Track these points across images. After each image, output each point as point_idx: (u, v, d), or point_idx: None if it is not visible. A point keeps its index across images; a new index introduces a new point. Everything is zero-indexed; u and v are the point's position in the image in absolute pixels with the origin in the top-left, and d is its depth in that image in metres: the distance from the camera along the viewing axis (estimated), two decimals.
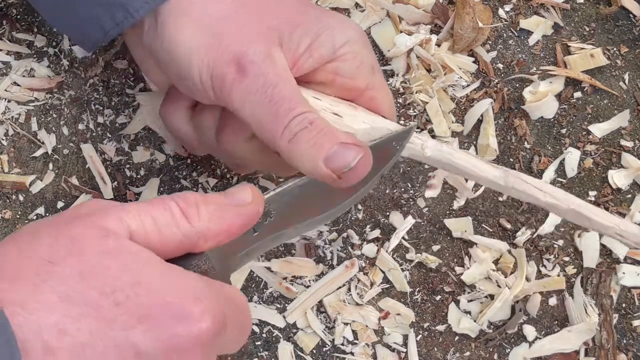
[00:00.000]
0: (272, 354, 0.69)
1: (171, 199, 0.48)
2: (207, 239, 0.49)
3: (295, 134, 0.54)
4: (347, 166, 0.54)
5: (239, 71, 0.54)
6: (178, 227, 0.48)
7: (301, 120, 0.54)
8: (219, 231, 0.49)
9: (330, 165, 0.54)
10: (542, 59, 0.74)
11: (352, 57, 0.58)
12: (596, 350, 0.69)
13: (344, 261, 0.70)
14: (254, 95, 0.54)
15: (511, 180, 0.58)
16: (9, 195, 0.71)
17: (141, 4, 0.56)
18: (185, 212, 0.48)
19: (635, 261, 0.71)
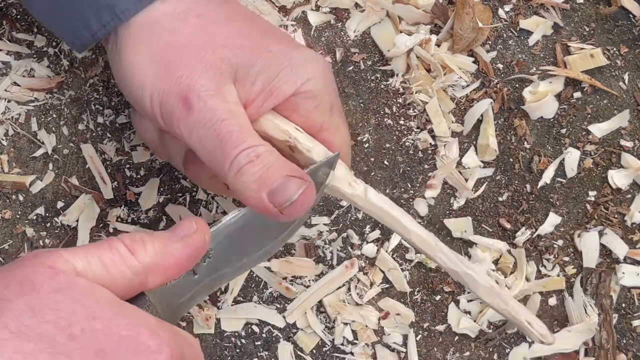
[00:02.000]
0: (272, 354, 0.69)
1: (117, 239, 0.48)
2: (156, 274, 0.49)
3: (241, 167, 0.54)
4: (289, 200, 0.53)
5: (185, 105, 0.54)
6: (125, 264, 0.48)
7: (248, 154, 0.54)
8: (167, 265, 0.49)
9: (272, 199, 0.54)
10: (542, 59, 0.74)
11: (310, 96, 0.58)
12: (596, 350, 0.69)
13: (344, 261, 0.70)
14: (201, 130, 0.54)
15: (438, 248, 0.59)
16: (9, 195, 0.71)
17: (127, 5, 0.56)
18: (131, 249, 0.48)
19: (635, 261, 0.71)
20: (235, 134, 0.54)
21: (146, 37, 0.56)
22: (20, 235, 0.70)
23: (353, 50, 0.74)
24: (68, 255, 0.46)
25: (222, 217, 0.55)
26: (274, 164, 0.54)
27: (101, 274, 0.47)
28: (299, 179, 0.54)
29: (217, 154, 0.54)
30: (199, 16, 0.57)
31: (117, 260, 0.47)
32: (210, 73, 0.55)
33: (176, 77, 0.55)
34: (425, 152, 0.72)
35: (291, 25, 0.74)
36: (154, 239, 0.49)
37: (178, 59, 0.55)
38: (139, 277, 0.48)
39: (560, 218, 0.71)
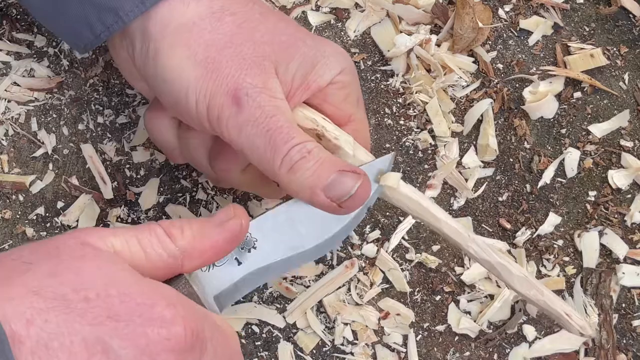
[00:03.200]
0: (272, 354, 0.69)
1: (156, 223, 0.49)
2: (193, 257, 0.49)
3: (294, 163, 0.54)
4: (347, 194, 0.54)
5: (235, 104, 0.54)
6: (162, 247, 0.48)
7: (299, 150, 0.54)
8: (204, 248, 0.50)
9: (329, 194, 0.54)
10: (542, 59, 0.74)
11: (342, 86, 0.59)
12: (596, 350, 0.69)
13: (344, 261, 0.70)
14: (251, 127, 0.54)
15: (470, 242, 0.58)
16: (9, 195, 0.71)
17: (131, 8, 0.56)
18: (169, 232, 0.49)
19: (635, 261, 0.71)
20: (285, 130, 0.54)
21: (184, 39, 0.56)
22: (20, 235, 0.70)
23: (353, 50, 0.74)
24: (106, 233, 0.47)
25: (269, 210, 0.55)
26: (326, 159, 0.54)
27: (138, 254, 0.48)
28: (353, 173, 0.54)
29: (267, 151, 0.54)
30: (233, 14, 0.57)
31: (155, 242, 0.48)
32: (254, 70, 0.55)
33: (221, 76, 0.55)
34: (425, 152, 0.72)
35: None
36: (192, 223, 0.50)
37: (220, 58, 0.55)
38: (175, 259, 0.49)
39: (560, 218, 0.71)
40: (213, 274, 0.53)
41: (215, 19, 0.56)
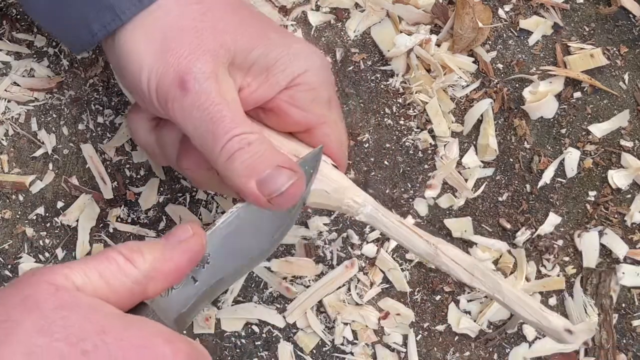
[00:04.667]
0: (272, 354, 0.69)
1: (113, 249, 0.48)
2: (157, 280, 0.48)
3: (232, 153, 0.53)
4: (278, 190, 0.54)
5: (181, 87, 0.54)
6: (125, 274, 0.47)
7: (239, 140, 0.53)
8: (167, 270, 0.49)
9: (261, 187, 0.54)
10: (542, 59, 0.74)
11: (308, 87, 0.58)
12: (596, 350, 0.69)
13: (344, 261, 0.70)
14: (195, 112, 0.54)
15: (438, 260, 0.56)
16: (9, 195, 0.71)
17: (128, 6, 0.56)
18: (130, 258, 0.48)
19: (635, 261, 0.71)
20: (228, 119, 0.54)
21: (147, 21, 0.56)
22: (20, 235, 0.70)
23: (353, 50, 0.74)
24: (66, 270, 0.46)
25: (216, 220, 0.55)
26: (265, 152, 0.54)
27: (101, 287, 0.46)
28: (289, 170, 0.54)
29: (208, 138, 0.54)
30: (200, 3, 0.56)
31: (116, 271, 0.47)
32: (207, 57, 0.54)
33: (173, 58, 0.54)
34: (425, 152, 0.72)
35: (291, 25, 0.74)
36: (152, 246, 0.49)
37: (177, 41, 0.55)
38: (139, 285, 0.48)
39: (560, 218, 0.71)
40: (172, 297, 0.52)
41: (182, 4, 0.56)
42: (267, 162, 0.54)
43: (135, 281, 0.47)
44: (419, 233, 0.56)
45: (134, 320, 0.46)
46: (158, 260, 0.48)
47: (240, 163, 0.53)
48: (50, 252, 0.70)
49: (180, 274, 0.50)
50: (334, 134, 0.60)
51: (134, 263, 0.48)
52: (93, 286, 0.46)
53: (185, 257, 0.50)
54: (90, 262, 0.47)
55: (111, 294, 0.46)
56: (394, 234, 0.57)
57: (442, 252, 0.56)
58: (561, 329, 0.53)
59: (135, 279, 0.47)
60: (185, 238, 0.50)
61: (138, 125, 0.61)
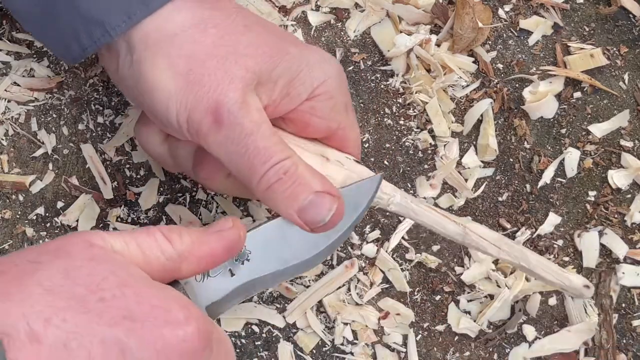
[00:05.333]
0: (272, 354, 0.69)
1: (156, 227, 0.50)
2: (190, 262, 0.50)
3: (271, 184, 0.55)
4: (321, 221, 0.55)
5: (215, 121, 0.54)
6: (161, 250, 0.49)
7: (277, 171, 0.54)
8: (202, 254, 0.50)
9: (303, 217, 0.55)
10: (542, 59, 0.74)
11: (327, 97, 0.59)
12: (596, 350, 0.69)
13: (344, 261, 0.70)
14: (230, 145, 0.54)
15: (468, 239, 0.59)
16: (9, 195, 0.71)
17: (118, 22, 0.56)
18: (168, 236, 0.49)
19: (634, 261, 0.71)
20: (263, 150, 0.54)
21: (166, 50, 0.55)
22: (20, 235, 0.70)
23: (353, 50, 0.74)
24: (106, 235, 0.48)
25: (263, 223, 0.56)
26: (303, 178, 0.55)
27: (137, 256, 0.48)
28: (327, 195, 0.55)
29: (245, 170, 0.55)
30: (216, 26, 0.56)
31: (154, 245, 0.49)
32: (235, 83, 0.55)
33: (203, 90, 0.54)
34: (425, 152, 0.72)
35: (291, 25, 0.74)
36: (191, 230, 0.51)
37: (202, 71, 0.55)
38: (173, 263, 0.49)
39: (560, 218, 0.71)
40: (206, 284, 0.53)
41: (199, 31, 0.56)
42: (306, 189, 0.55)
43: (169, 258, 0.49)
44: (447, 215, 0.60)
45: (158, 284, 0.47)
46: (194, 243, 0.50)
47: (280, 194, 0.55)
48: None
49: (215, 260, 0.51)
50: (352, 136, 0.61)
51: (171, 241, 0.49)
52: (130, 253, 0.48)
53: (220, 244, 0.51)
54: (131, 233, 0.49)
55: (146, 265, 0.48)
56: (425, 219, 0.60)
57: (470, 230, 0.59)
58: (580, 285, 0.59)
59: (169, 256, 0.49)
60: (224, 228, 0.52)
61: (149, 137, 0.61)
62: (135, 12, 0.56)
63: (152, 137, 0.61)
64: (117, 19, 0.56)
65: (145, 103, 0.57)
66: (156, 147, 0.62)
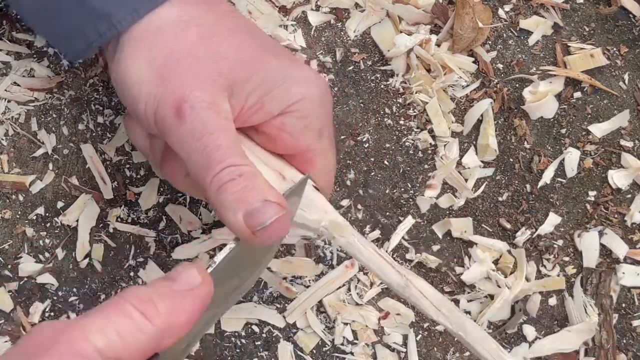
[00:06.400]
0: (272, 354, 0.69)
1: (125, 301, 0.46)
2: (172, 334, 0.47)
3: (222, 184, 0.53)
4: (263, 224, 0.53)
5: (178, 115, 0.54)
6: (141, 331, 0.46)
7: (230, 172, 0.53)
8: (181, 323, 0.48)
9: (247, 221, 0.53)
10: (542, 59, 0.74)
11: (300, 115, 0.58)
12: (596, 350, 0.69)
13: (344, 261, 0.70)
14: (190, 141, 0.54)
15: (408, 292, 0.56)
16: (9, 195, 0.71)
17: (124, 16, 0.56)
18: (145, 313, 0.46)
19: (635, 261, 0.71)
20: (222, 150, 0.53)
21: (147, 43, 0.56)
22: (20, 235, 0.70)
23: (353, 50, 0.74)
24: (88, 332, 0.45)
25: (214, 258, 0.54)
26: (256, 186, 0.54)
27: (118, 346, 0.45)
28: (276, 205, 0.54)
29: (201, 167, 0.54)
30: (200, 26, 0.56)
31: (132, 328, 0.46)
32: (206, 84, 0.54)
33: (172, 85, 0.54)
34: (425, 152, 0.72)
35: (291, 25, 0.74)
36: (162, 294, 0.48)
37: (176, 67, 0.55)
38: (154, 340, 0.47)
39: (560, 218, 0.71)
40: None
41: (181, 28, 0.56)
42: (257, 195, 0.53)
43: (151, 337, 0.46)
44: (393, 264, 0.57)
45: None
46: (171, 313, 0.47)
47: (230, 194, 0.53)
48: (50, 252, 0.70)
49: (192, 325, 0.49)
50: (320, 164, 0.60)
51: (149, 318, 0.46)
52: (111, 347, 0.45)
53: (196, 306, 0.49)
54: (105, 319, 0.46)
55: (125, 350, 0.45)
56: (368, 261, 0.57)
57: (412, 284, 0.56)
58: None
59: (151, 335, 0.46)
60: (194, 285, 0.49)
61: (135, 130, 0.61)
62: (141, 6, 0.56)
63: (137, 130, 0.61)
64: (123, 12, 0.56)
65: (121, 94, 0.57)
66: (140, 140, 0.62)
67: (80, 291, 0.70)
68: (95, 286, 0.70)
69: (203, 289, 0.49)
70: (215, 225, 0.71)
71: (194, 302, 0.48)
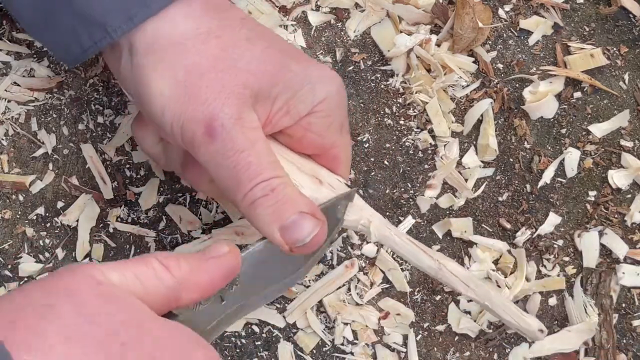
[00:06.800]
0: (272, 354, 0.69)
1: (151, 255, 0.48)
2: (190, 290, 0.49)
3: (255, 200, 0.54)
4: (302, 241, 0.54)
5: (208, 134, 0.54)
6: (160, 279, 0.47)
7: (263, 188, 0.54)
8: (201, 281, 0.49)
9: (285, 236, 0.54)
10: (542, 59, 0.74)
11: (325, 114, 0.58)
12: (596, 350, 0.69)
13: (344, 261, 0.70)
14: (220, 159, 0.54)
15: (440, 274, 0.60)
16: (9, 195, 0.71)
17: (119, 24, 0.56)
18: (165, 264, 0.48)
19: (635, 261, 0.71)
20: (253, 167, 0.54)
21: (167, 58, 0.55)
22: (20, 235, 0.70)
23: (353, 50, 0.74)
24: (104, 268, 0.46)
25: (251, 244, 0.55)
26: (289, 199, 0.54)
27: (136, 287, 0.47)
28: (312, 217, 0.55)
29: (232, 184, 0.54)
30: (219, 37, 0.56)
31: (151, 274, 0.47)
32: (232, 99, 0.54)
33: (199, 102, 0.54)
34: (425, 152, 0.72)
35: (291, 25, 0.74)
36: (188, 256, 0.49)
37: (200, 83, 0.55)
38: (173, 291, 0.48)
39: (560, 218, 0.71)
40: (199, 313, 0.52)
41: (200, 41, 0.56)
42: (290, 209, 0.54)
43: (168, 287, 0.48)
44: (425, 250, 0.61)
45: (171, 323, 0.47)
46: (193, 270, 0.49)
47: (263, 210, 0.54)
48: (50, 252, 0.70)
49: (214, 288, 0.50)
50: (344, 156, 0.61)
51: (169, 269, 0.48)
52: (128, 286, 0.47)
53: (220, 271, 0.50)
54: (127, 264, 0.47)
55: (145, 296, 0.47)
56: (404, 250, 0.61)
57: (444, 266, 0.60)
58: (535, 328, 0.60)
59: (169, 285, 0.48)
60: (221, 254, 0.51)
61: (145, 135, 0.61)
62: (136, 14, 0.55)
63: (148, 136, 0.61)
64: (117, 20, 0.56)
65: (143, 106, 0.57)
66: (151, 146, 0.62)
67: None
68: None
69: (229, 258, 0.51)
70: (216, 225, 0.71)
71: (218, 267, 0.50)
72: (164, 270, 0.48)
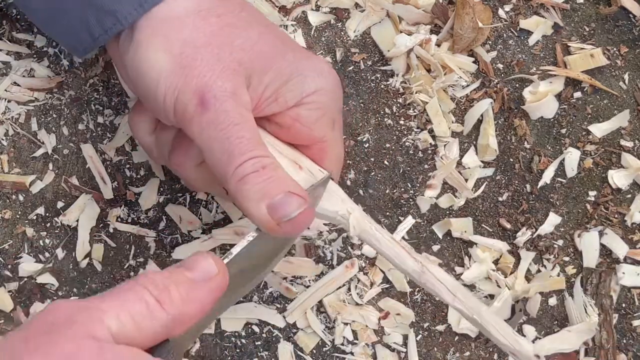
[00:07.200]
0: (272, 354, 0.69)
1: (142, 286, 0.47)
2: (183, 323, 0.48)
3: (245, 175, 0.54)
4: (288, 216, 0.54)
5: (201, 104, 0.54)
6: (154, 317, 0.46)
7: (254, 163, 0.54)
8: (193, 312, 0.48)
9: (271, 212, 0.54)
10: (542, 59, 0.74)
11: (315, 107, 0.58)
12: (596, 350, 0.69)
13: (344, 261, 0.70)
14: (213, 130, 0.54)
15: (424, 278, 0.57)
16: (9, 195, 0.71)
17: (130, 11, 0.56)
18: (159, 299, 0.47)
19: (635, 261, 0.71)
20: (245, 141, 0.54)
21: (165, 32, 0.56)
22: (20, 235, 0.70)
23: (353, 50, 0.74)
24: (103, 315, 0.45)
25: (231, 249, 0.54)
26: (278, 178, 0.54)
27: (132, 331, 0.46)
28: (300, 197, 0.54)
29: (223, 157, 0.54)
30: (219, 16, 0.57)
31: (146, 313, 0.46)
32: (227, 74, 0.55)
33: (193, 74, 0.54)
34: (425, 152, 0.72)
35: (291, 25, 0.74)
36: (178, 283, 0.48)
37: (196, 56, 0.55)
38: (166, 329, 0.47)
39: (560, 218, 0.71)
40: None
41: (200, 17, 0.56)
42: (280, 187, 0.54)
43: (163, 324, 0.47)
44: (409, 251, 0.57)
45: None
46: (184, 301, 0.48)
47: (253, 186, 0.54)
48: (50, 252, 0.70)
49: (204, 314, 0.49)
50: (332, 153, 0.60)
51: (163, 305, 0.47)
52: (125, 331, 0.45)
53: (211, 297, 0.49)
54: (121, 302, 0.46)
55: (138, 335, 0.46)
56: (385, 249, 0.58)
57: (428, 270, 0.57)
58: (531, 354, 0.55)
59: (163, 323, 0.47)
60: (210, 276, 0.49)
61: (139, 126, 0.62)
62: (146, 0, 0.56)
63: (142, 126, 0.61)
64: (128, 6, 0.56)
65: (139, 84, 0.57)
66: (145, 136, 0.62)
67: (81, 291, 0.70)
68: (95, 286, 0.70)
69: (219, 280, 0.49)
70: (216, 225, 0.71)
71: (209, 293, 0.49)
72: (158, 309, 0.46)
